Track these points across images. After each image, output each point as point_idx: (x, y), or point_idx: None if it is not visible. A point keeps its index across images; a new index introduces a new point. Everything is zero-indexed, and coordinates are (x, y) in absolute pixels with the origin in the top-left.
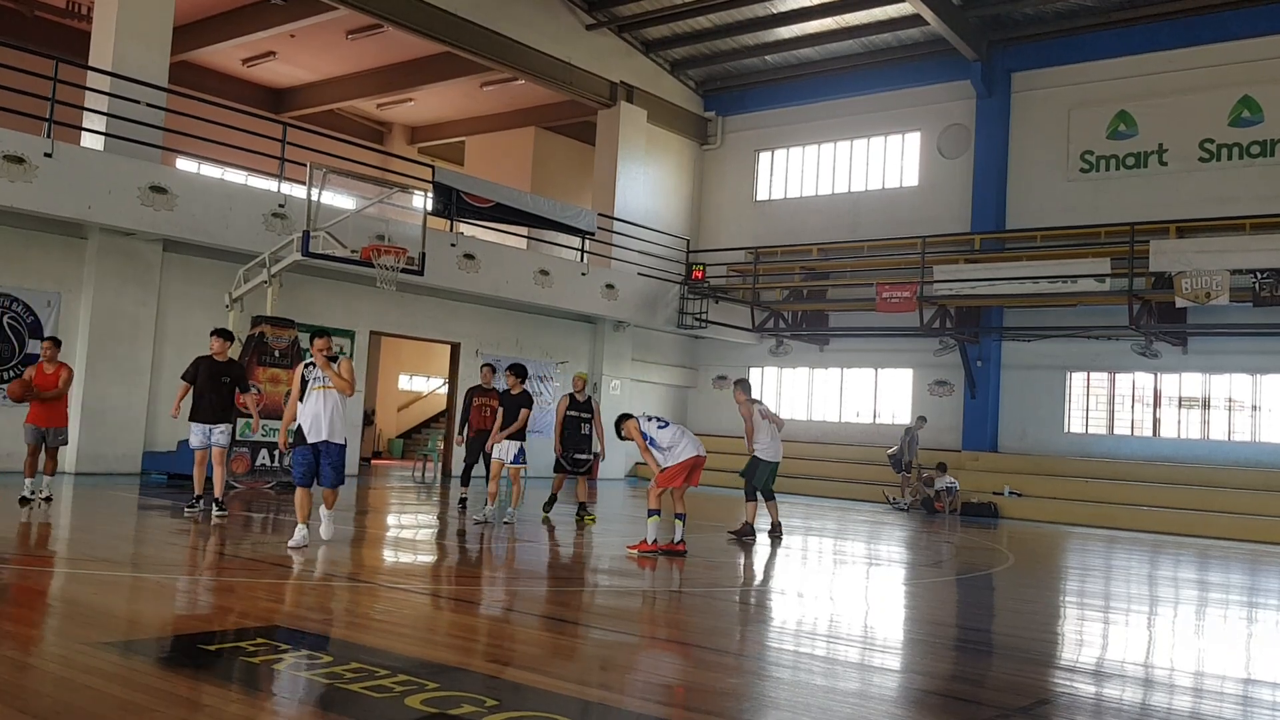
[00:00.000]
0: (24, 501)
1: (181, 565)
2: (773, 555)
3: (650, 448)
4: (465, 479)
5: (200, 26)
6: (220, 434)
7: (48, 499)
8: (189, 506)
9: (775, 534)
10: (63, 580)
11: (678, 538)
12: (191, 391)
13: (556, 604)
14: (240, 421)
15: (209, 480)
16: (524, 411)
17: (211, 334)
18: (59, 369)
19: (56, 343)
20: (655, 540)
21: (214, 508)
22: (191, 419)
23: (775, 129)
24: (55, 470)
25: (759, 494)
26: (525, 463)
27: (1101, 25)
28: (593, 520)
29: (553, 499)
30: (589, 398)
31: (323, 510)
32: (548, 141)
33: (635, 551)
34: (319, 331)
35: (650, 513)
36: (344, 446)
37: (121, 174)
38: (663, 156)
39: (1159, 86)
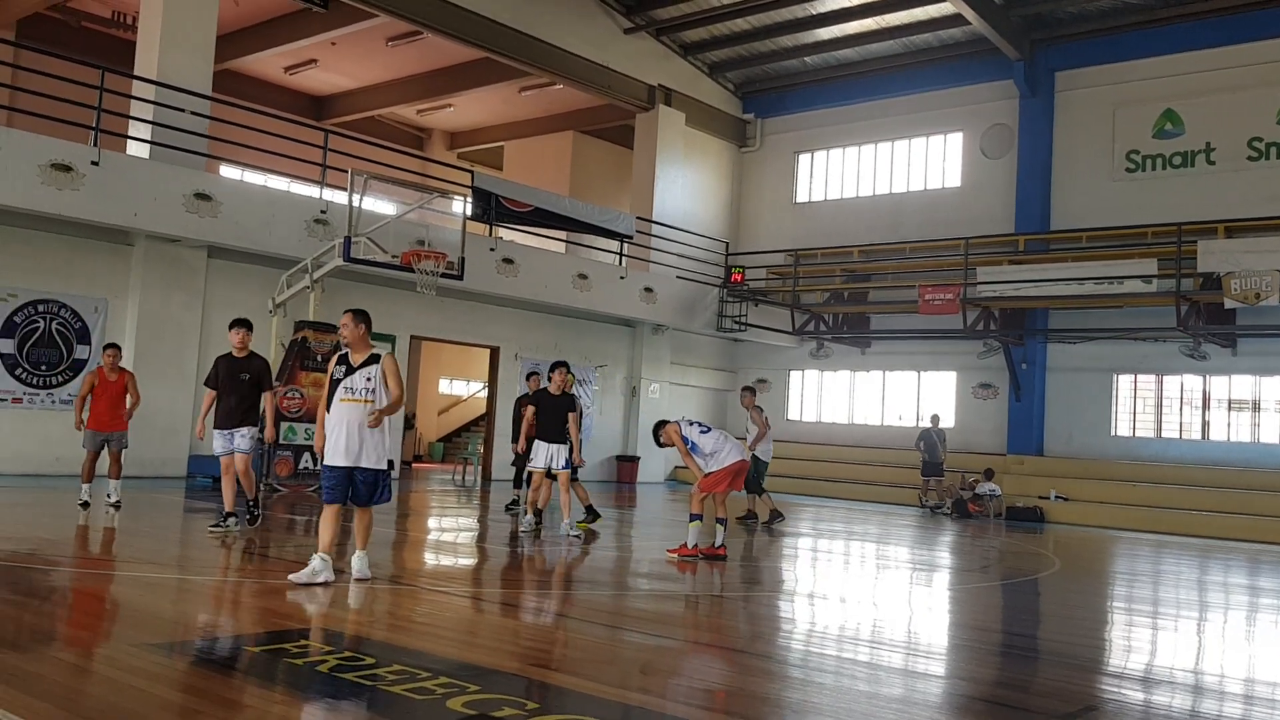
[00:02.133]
0: (85, 506)
1: (225, 568)
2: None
3: (691, 453)
4: (517, 482)
5: (243, 35)
6: (242, 438)
7: (117, 505)
8: (214, 526)
9: (770, 521)
10: (109, 582)
11: (718, 542)
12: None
13: (597, 608)
14: (282, 425)
15: (241, 493)
16: (572, 416)
17: (230, 326)
18: (123, 376)
19: (118, 349)
20: (696, 545)
21: (246, 516)
22: (215, 425)
23: (815, 130)
24: (120, 474)
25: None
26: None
27: (1146, 23)
28: (587, 527)
29: (589, 510)
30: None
31: (356, 554)
32: (586, 145)
33: (676, 555)
34: (351, 310)
35: (692, 517)
36: (383, 471)
37: (167, 181)
38: (701, 159)
39: (1205, 84)
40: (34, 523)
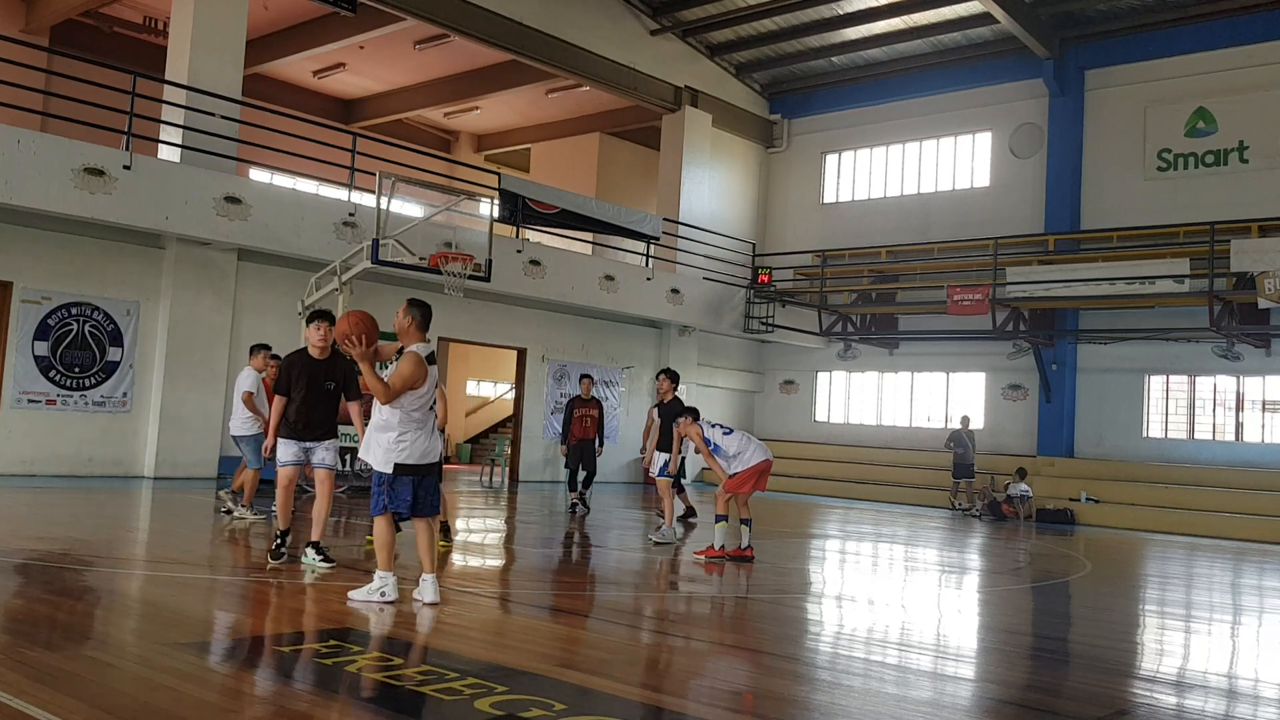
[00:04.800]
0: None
1: (256, 567)
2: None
3: (714, 455)
4: (571, 485)
5: (272, 40)
6: (326, 451)
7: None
8: (273, 553)
9: (685, 517)
10: (142, 582)
11: (744, 543)
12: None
13: (624, 609)
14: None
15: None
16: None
17: (309, 320)
18: None
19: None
20: (723, 546)
21: (313, 553)
22: (283, 435)
23: (842, 131)
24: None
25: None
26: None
27: (1177, 21)
28: (446, 547)
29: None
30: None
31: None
32: (612, 147)
33: (703, 557)
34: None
35: (718, 518)
36: (376, 472)
37: (197, 185)
38: (728, 160)
39: (1239, 82)
40: (68, 523)
